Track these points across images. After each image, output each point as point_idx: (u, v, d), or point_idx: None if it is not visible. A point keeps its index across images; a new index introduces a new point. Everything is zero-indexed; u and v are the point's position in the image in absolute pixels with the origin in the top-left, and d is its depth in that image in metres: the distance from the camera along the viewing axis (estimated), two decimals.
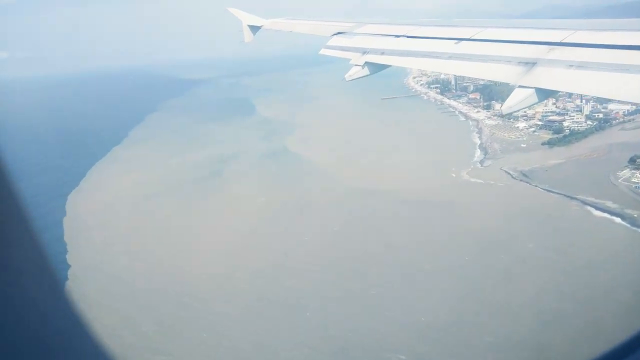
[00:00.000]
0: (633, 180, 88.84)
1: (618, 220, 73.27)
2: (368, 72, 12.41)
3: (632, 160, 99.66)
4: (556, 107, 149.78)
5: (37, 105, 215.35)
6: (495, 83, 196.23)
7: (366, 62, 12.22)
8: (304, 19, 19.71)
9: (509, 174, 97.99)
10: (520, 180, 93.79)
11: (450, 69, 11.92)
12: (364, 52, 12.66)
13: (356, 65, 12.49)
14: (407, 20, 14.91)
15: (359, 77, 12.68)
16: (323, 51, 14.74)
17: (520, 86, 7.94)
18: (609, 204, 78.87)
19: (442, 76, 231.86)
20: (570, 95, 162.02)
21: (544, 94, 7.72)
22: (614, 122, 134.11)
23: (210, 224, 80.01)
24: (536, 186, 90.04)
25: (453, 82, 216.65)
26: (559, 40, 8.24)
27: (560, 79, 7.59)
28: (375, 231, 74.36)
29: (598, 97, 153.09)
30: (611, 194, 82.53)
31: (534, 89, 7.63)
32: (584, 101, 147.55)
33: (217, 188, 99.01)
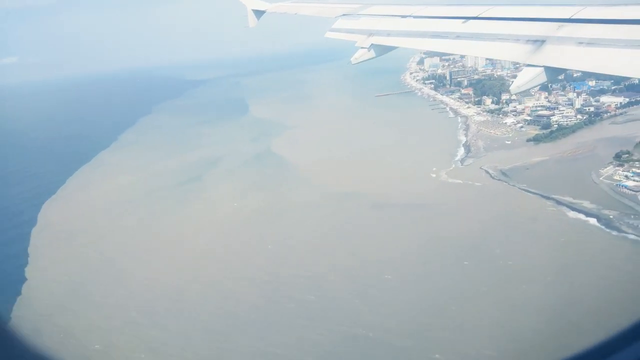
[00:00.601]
0: (615, 177, 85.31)
1: (593, 221, 70.04)
2: (374, 55, 11.89)
3: (617, 156, 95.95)
4: (548, 101, 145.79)
5: (33, 110, 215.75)
6: (489, 77, 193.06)
7: (372, 44, 11.74)
8: (308, 1, 18.94)
9: (488, 173, 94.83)
10: (499, 180, 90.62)
11: (458, 49, 11.09)
12: (370, 34, 12.20)
13: (362, 47, 11.99)
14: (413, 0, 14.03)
15: (366, 60, 12.13)
16: (328, 34, 14.21)
17: (529, 65, 7.56)
18: (586, 204, 75.57)
19: (439, 71, 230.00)
20: (563, 88, 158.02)
21: (553, 72, 7.44)
22: (605, 115, 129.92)
23: (178, 233, 78.05)
24: (514, 186, 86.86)
25: (448, 78, 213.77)
26: (568, 17, 7.89)
27: (570, 57, 7.26)
28: (342, 239, 71.85)
29: (591, 89, 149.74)
30: (590, 193, 79.18)
31: (543, 68, 7.30)
32: (575, 94, 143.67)
33: (193, 194, 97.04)
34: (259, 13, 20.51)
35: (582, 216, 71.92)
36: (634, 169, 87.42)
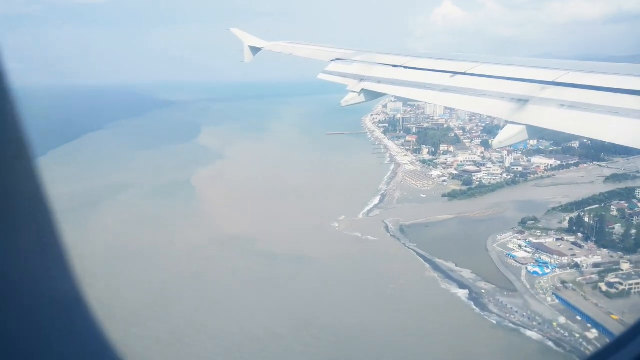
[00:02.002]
0: (509, 246, 79.67)
1: (462, 294, 63.95)
2: (364, 99, 12.15)
3: (523, 222, 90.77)
4: (482, 156, 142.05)
5: None
6: (438, 127, 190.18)
7: (363, 89, 11.91)
8: (304, 43, 19.06)
9: (387, 228, 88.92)
10: (393, 237, 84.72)
11: (443, 101, 10.92)
12: (361, 79, 12.37)
13: (353, 91, 12.11)
14: (404, 51, 14.23)
15: (355, 103, 12.40)
16: (321, 76, 14.36)
17: (511, 122, 7.52)
18: (465, 274, 69.63)
19: (399, 115, 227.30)
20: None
21: (534, 131, 7.44)
22: (531, 176, 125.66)
23: None
24: (404, 245, 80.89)
25: (400, 123, 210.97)
26: (552, 80, 7.98)
27: (551, 118, 7.33)
28: (199, 291, 64.68)
29: (528, 148, 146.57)
30: (476, 262, 73.33)
31: (525, 126, 7.31)
32: (506, 152, 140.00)
33: (77, 222, 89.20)
34: (255, 50, 20.60)
35: (454, 286, 65.83)
36: (531, 238, 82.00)
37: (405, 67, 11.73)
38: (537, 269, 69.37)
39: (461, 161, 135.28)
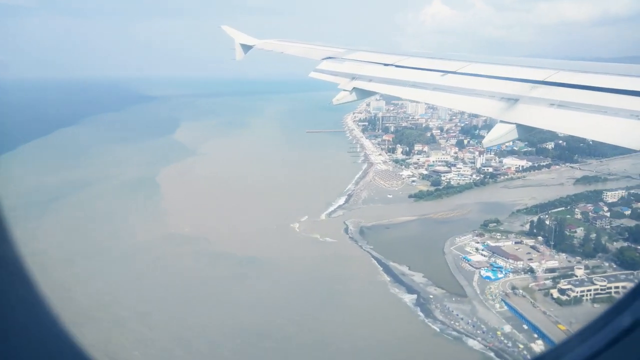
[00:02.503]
0: (466, 249, 77.69)
1: (409, 299, 61.86)
2: (355, 98, 11.96)
3: (484, 224, 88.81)
4: (455, 156, 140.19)
5: None
6: (416, 127, 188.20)
7: (354, 88, 11.79)
8: (295, 41, 18.66)
9: (347, 229, 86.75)
10: (351, 238, 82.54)
11: (434, 100, 10.59)
12: (353, 77, 12.22)
13: (344, 90, 11.99)
14: (395, 50, 14.11)
15: (346, 102, 12.48)
16: (312, 74, 14.14)
17: (502, 121, 7.51)
18: (417, 278, 67.59)
19: (380, 114, 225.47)
20: (478, 143, 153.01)
21: (524, 130, 7.38)
22: (501, 177, 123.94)
23: None
24: (361, 247, 78.71)
25: (380, 122, 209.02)
26: (541, 79, 7.95)
27: (541, 117, 7.33)
28: (140, 291, 62.19)
29: (501, 149, 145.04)
30: (430, 265, 71.34)
31: (515, 125, 7.29)
32: (477, 152, 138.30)
33: (29, 220, 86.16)
34: (246, 47, 20.34)
35: (402, 291, 63.73)
36: (490, 241, 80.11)
37: (396, 66, 11.66)
38: (489, 274, 67.48)
39: (433, 161, 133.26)
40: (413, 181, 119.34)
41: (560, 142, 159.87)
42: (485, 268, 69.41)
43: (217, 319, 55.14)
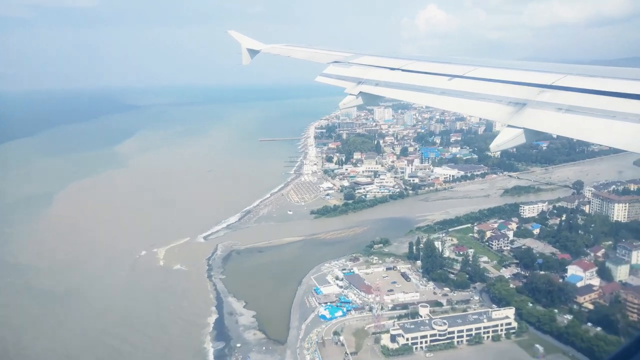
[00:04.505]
0: (327, 277, 65.96)
1: (213, 348, 51.21)
2: (362, 102, 11.46)
3: (370, 246, 77.25)
4: (386, 165, 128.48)
5: None
6: (367, 134, 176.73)
7: (360, 92, 11.44)
8: (301, 46, 18.28)
9: (214, 254, 76.34)
10: (209, 265, 72.20)
11: (441, 104, 9.95)
12: (359, 82, 11.81)
13: (351, 94, 11.54)
14: (402, 54, 13.85)
15: (353, 106, 11.99)
16: (318, 78, 13.65)
17: (509, 125, 7.32)
18: (244, 319, 56.71)
19: (348, 120, 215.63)
20: (407, 154, 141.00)
21: (532, 134, 7.14)
22: (425, 189, 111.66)
23: None
24: (211, 277, 68.23)
25: (338, 128, 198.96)
26: (549, 83, 7.72)
27: (549, 121, 7.11)
28: None
29: (439, 156, 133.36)
30: (272, 301, 60.38)
31: (522, 129, 7.10)
32: (405, 162, 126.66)
33: None
34: (253, 52, 19.87)
35: (211, 337, 53.07)
36: (359, 268, 68.71)
37: (402, 70, 11.32)
38: (326, 312, 56.34)
39: (362, 171, 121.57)
40: (328, 194, 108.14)
41: (511, 149, 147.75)
42: (329, 304, 58.41)
43: None
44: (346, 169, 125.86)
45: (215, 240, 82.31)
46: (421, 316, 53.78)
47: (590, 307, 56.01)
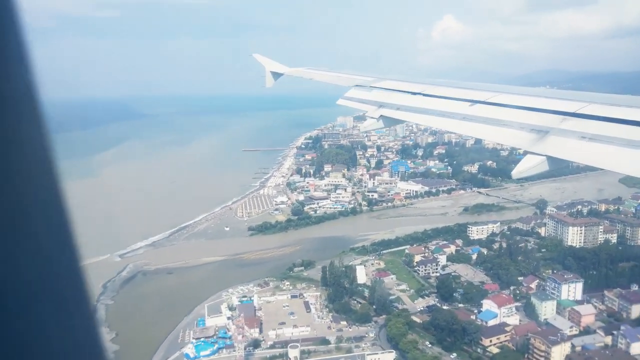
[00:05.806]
0: (221, 306, 59.02)
1: None
2: (382, 125, 11.55)
3: (289, 269, 69.42)
4: (353, 179, 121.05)
5: None
6: (348, 145, 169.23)
7: (381, 116, 11.45)
8: (324, 69, 18.55)
9: (118, 274, 70.23)
10: (103, 287, 65.94)
11: (463, 130, 10.03)
12: (380, 105, 11.85)
13: (372, 117, 11.65)
14: (423, 78, 13.76)
15: (374, 129, 12.53)
16: (340, 101, 13.80)
17: (532, 153, 7.20)
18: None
19: (341, 130, 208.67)
20: (369, 168, 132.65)
21: (554, 162, 7.06)
22: (382, 205, 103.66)
23: None
24: (103, 300, 61.96)
25: (322, 140, 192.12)
26: (572, 111, 7.60)
27: (572, 150, 6.97)
28: None
29: (410, 171, 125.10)
30: (145, 333, 53.55)
31: (545, 157, 6.99)
32: (367, 176, 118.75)
33: None
34: (276, 75, 20.21)
35: None
36: (264, 295, 61.41)
37: (424, 95, 11.18)
38: (191, 351, 49.17)
39: (324, 184, 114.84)
40: (277, 209, 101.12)
41: (489, 163, 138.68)
42: (202, 340, 51.18)
43: None
44: (307, 182, 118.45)
45: (129, 259, 76.10)
46: (290, 359, 46.17)
47: (496, 351, 47.65)
